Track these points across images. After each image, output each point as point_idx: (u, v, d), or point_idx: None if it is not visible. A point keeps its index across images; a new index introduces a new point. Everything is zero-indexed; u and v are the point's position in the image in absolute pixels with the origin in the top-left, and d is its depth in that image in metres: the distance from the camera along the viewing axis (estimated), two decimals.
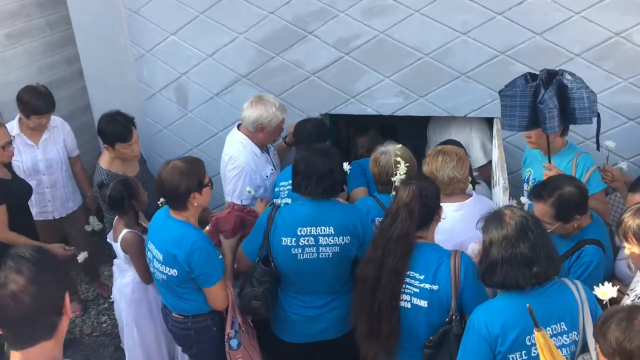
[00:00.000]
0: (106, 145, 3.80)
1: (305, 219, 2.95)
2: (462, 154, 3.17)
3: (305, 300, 3.10)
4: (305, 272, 3.01)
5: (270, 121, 3.77)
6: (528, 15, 3.60)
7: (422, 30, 3.80)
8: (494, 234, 2.36)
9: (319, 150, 3.03)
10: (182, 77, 4.41)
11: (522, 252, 2.30)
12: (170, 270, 3.01)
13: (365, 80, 4.03)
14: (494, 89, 3.80)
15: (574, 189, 2.81)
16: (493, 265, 2.33)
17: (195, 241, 2.94)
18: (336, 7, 3.89)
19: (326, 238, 2.95)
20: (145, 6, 4.25)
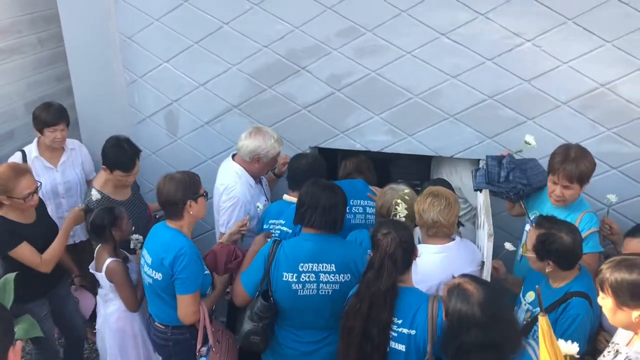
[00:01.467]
0: (105, 167, 3.80)
1: (307, 254, 3.00)
2: (452, 199, 3.19)
3: (300, 335, 3.14)
4: (303, 307, 3.05)
5: (268, 152, 3.81)
6: (517, 62, 3.68)
7: (413, 72, 3.86)
8: (461, 310, 2.38)
9: (325, 185, 3.13)
10: (173, 104, 4.42)
11: (492, 339, 2.33)
12: (156, 274, 3.12)
13: (355, 117, 4.08)
14: (481, 131, 3.89)
15: (567, 240, 2.81)
16: (465, 351, 2.35)
17: (182, 247, 3.06)
18: (330, 45, 3.94)
19: (327, 275, 3.01)
20: (140, 33, 4.27)
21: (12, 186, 3.34)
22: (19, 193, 3.35)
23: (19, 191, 3.36)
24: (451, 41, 3.73)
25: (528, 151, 3.43)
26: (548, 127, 3.76)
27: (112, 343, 3.62)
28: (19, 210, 3.48)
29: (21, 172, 3.41)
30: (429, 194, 3.19)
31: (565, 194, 3.23)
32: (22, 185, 3.36)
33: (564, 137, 3.74)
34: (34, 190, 3.43)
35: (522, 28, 3.60)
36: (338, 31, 3.89)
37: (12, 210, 3.45)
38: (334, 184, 3.23)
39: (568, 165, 3.17)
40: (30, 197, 3.40)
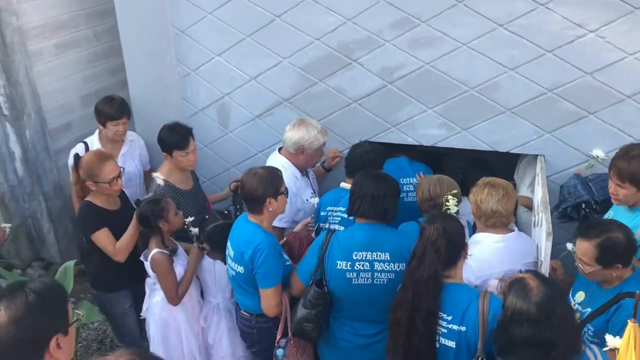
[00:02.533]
0: (165, 153, 3.92)
1: (361, 243, 3.01)
2: (509, 188, 3.15)
3: (356, 328, 3.14)
4: (358, 297, 3.05)
5: (312, 144, 3.80)
6: (579, 54, 3.53)
7: (468, 64, 3.75)
8: (516, 306, 2.30)
9: (375, 175, 3.14)
10: (225, 97, 4.44)
11: (544, 337, 2.24)
12: (238, 267, 3.21)
13: (407, 110, 4.00)
14: (540, 125, 3.76)
15: (623, 237, 2.72)
16: (513, 345, 2.28)
17: (261, 242, 3.11)
18: (382, 37, 3.87)
19: (382, 264, 3.00)
20: (193, 26, 4.30)
21: (97, 171, 3.50)
22: (104, 177, 3.50)
23: (104, 175, 3.50)
24: (509, 32, 3.61)
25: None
26: (611, 121, 3.60)
27: (155, 333, 3.66)
28: (105, 197, 3.61)
29: (105, 157, 3.57)
30: (486, 184, 3.15)
31: (619, 193, 3.07)
32: (106, 170, 3.50)
33: (628, 132, 3.58)
34: (117, 174, 3.57)
35: (585, 18, 3.45)
36: (391, 23, 3.82)
37: (98, 197, 3.60)
38: (386, 174, 3.21)
39: (620, 163, 3.03)
40: (114, 181, 3.54)
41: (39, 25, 5.11)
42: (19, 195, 5.18)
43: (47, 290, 1.93)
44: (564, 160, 3.76)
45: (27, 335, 1.84)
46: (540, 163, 3.74)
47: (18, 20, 4.85)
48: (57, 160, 5.35)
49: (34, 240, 5.42)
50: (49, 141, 5.25)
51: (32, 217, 5.27)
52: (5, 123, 4.94)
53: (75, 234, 5.56)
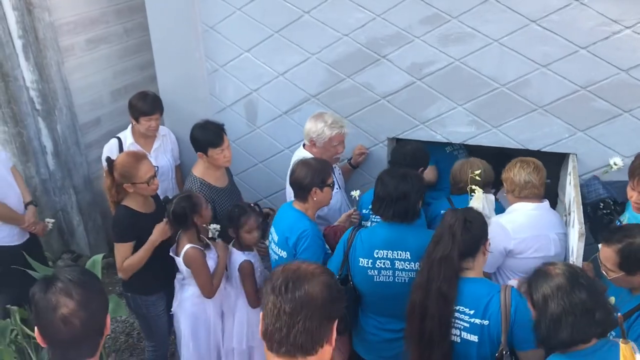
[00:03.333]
0: (200, 152, 3.89)
1: (382, 241, 3.05)
2: (538, 163, 3.32)
3: (382, 322, 3.19)
4: (381, 294, 3.10)
5: (319, 136, 3.81)
6: (614, 50, 3.44)
7: (499, 60, 3.69)
8: (545, 288, 2.28)
9: (396, 174, 3.11)
10: (253, 93, 4.45)
11: (581, 300, 2.21)
12: (282, 252, 3.34)
13: (436, 107, 3.95)
14: (572, 124, 3.68)
15: None
16: (556, 320, 2.22)
17: (306, 229, 3.23)
18: (412, 33, 3.83)
19: (402, 263, 3.03)
20: (222, 22, 4.31)
21: (134, 172, 3.45)
22: (141, 177, 3.46)
23: (141, 175, 3.46)
24: (542, 28, 3.54)
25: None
26: None
27: (185, 327, 3.69)
28: (141, 200, 3.57)
29: (140, 157, 3.54)
30: (517, 161, 3.34)
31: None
32: (143, 169, 3.47)
33: None
34: (154, 173, 3.53)
35: (621, 14, 3.36)
36: (421, 19, 3.77)
37: (134, 199, 3.54)
38: (408, 171, 3.18)
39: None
40: (152, 180, 3.50)
41: (71, 21, 5.18)
42: (49, 189, 5.27)
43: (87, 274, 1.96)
44: (597, 159, 3.68)
45: (95, 317, 1.87)
46: (572, 162, 3.67)
47: (50, 16, 4.93)
48: (87, 154, 5.44)
49: (64, 232, 5.52)
50: (80, 136, 5.33)
51: (62, 210, 5.37)
52: (38, 118, 5.03)
53: (105, 227, 5.64)
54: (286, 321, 1.65)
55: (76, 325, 1.81)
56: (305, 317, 1.65)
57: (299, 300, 1.66)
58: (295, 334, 1.65)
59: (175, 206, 3.50)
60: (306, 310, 1.66)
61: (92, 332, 1.88)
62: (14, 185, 4.21)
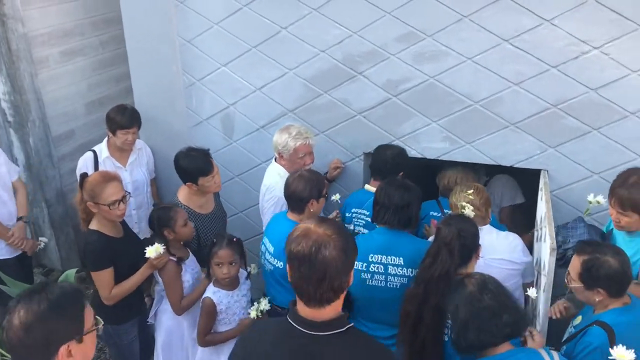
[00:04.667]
0: (189, 183, 3.78)
1: (377, 246, 3.16)
2: (479, 186, 3.51)
3: (371, 328, 3.22)
4: (372, 298, 3.17)
5: (284, 148, 3.85)
6: (583, 70, 3.54)
7: (473, 78, 3.77)
8: (458, 298, 2.44)
9: (399, 184, 3.28)
10: (230, 107, 4.46)
11: (487, 305, 2.35)
12: (278, 262, 3.37)
13: (411, 123, 4.02)
14: (544, 140, 3.77)
15: (614, 263, 2.63)
16: (464, 325, 2.38)
17: None
18: (388, 50, 3.89)
19: (395, 268, 3.13)
20: (199, 37, 4.33)
21: (98, 191, 3.31)
22: (104, 199, 3.31)
23: (105, 197, 3.31)
24: (514, 47, 3.63)
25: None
26: (614, 137, 3.61)
27: (159, 340, 3.66)
28: (110, 223, 3.44)
29: (108, 178, 3.39)
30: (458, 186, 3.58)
31: (621, 220, 3.06)
32: (108, 191, 3.32)
33: (632, 148, 3.59)
34: (120, 198, 3.36)
35: (590, 35, 3.47)
36: (397, 36, 3.84)
37: (102, 223, 3.41)
38: (408, 182, 3.34)
39: (621, 191, 3.02)
40: (115, 204, 3.34)
41: (45, 32, 5.14)
42: None
43: (62, 296, 1.91)
44: (568, 175, 3.77)
45: (36, 341, 1.84)
46: (543, 178, 3.75)
47: (24, 28, 4.88)
48: (60, 167, 5.37)
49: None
50: (53, 148, 5.27)
51: (34, 224, 5.28)
52: (10, 130, 4.97)
53: (77, 241, 5.57)
54: (313, 283, 1.93)
55: (15, 345, 1.85)
56: (329, 279, 1.91)
57: (321, 265, 1.91)
58: (322, 292, 1.93)
59: (152, 213, 3.51)
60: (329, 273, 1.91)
61: (35, 354, 1.87)
62: (5, 200, 4.14)
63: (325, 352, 1.94)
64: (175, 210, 3.54)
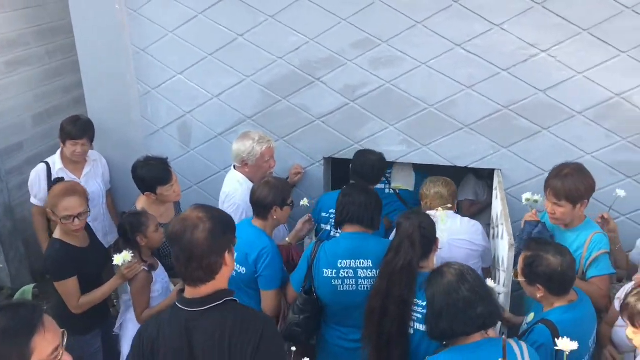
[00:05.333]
0: (147, 193, 3.74)
1: (345, 252, 3.19)
2: (447, 180, 3.74)
3: (345, 333, 3.28)
4: (345, 303, 3.21)
5: (250, 155, 3.83)
6: (532, 72, 3.70)
7: (427, 82, 3.88)
8: (435, 286, 2.50)
9: (363, 188, 3.39)
10: (187, 115, 4.43)
11: (464, 296, 2.40)
12: (240, 268, 3.33)
13: (369, 127, 4.09)
14: (497, 141, 3.91)
15: (554, 262, 2.72)
16: (438, 313, 2.44)
17: (266, 246, 3.30)
18: (344, 56, 3.96)
19: (365, 271, 3.17)
20: (154, 45, 4.28)
21: (55, 202, 3.28)
22: (59, 212, 3.27)
23: (60, 210, 3.26)
24: (466, 52, 3.76)
25: None
26: (563, 136, 3.78)
27: (124, 351, 3.58)
28: (73, 234, 3.38)
29: (68, 192, 3.32)
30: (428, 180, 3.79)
31: (556, 212, 3.19)
32: (63, 205, 3.26)
33: (579, 146, 3.77)
34: (75, 214, 3.28)
35: (538, 39, 3.64)
36: (353, 43, 3.91)
37: (66, 233, 3.37)
38: (368, 187, 3.48)
39: (555, 181, 3.17)
40: (69, 219, 3.27)
41: None
42: None
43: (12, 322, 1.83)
44: (521, 174, 3.92)
45: None
46: (497, 177, 3.89)
47: None
48: (8, 181, 5.19)
49: None
50: (0, 162, 5.09)
51: None
52: None
53: (28, 257, 5.39)
54: (183, 263, 2.10)
55: None
56: (197, 259, 2.08)
57: (189, 246, 2.07)
58: (192, 271, 2.10)
59: (122, 220, 3.44)
60: (196, 253, 2.07)
61: None
62: None
63: (200, 325, 2.10)
64: (147, 215, 3.49)
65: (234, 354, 2.08)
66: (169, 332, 2.14)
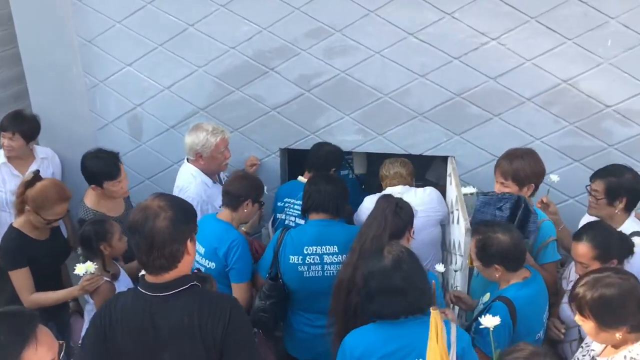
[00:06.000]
0: (93, 185, 3.63)
1: (311, 238, 3.25)
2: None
3: (311, 319, 3.34)
4: (311, 289, 3.27)
5: (204, 146, 3.76)
6: (483, 60, 3.77)
7: (381, 71, 3.90)
8: (372, 266, 2.53)
9: (328, 176, 3.49)
10: (137, 108, 4.32)
11: (396, 284, 2.43)
12: (210, 263, 3.33)
13: (325, 117, 4.09)
14: (450, 129, 3.98)
15: (505, 239, 2.79)
16: (371, 295, 2.49)
17: (235, 239, 3.29)
18: (298, 45, 3.93)
19: (331, 256, 3.24)
20: (100, 36, 4.15)
21: (48, 206, 3.28)
22: (49, 215, 3.30)
23: (51, 214, 3.29)
24: (419, 40, 3.80)
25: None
26: (513, 122, 3.88)
27: None
28: (33, 227, 3.37)
29: (61, 199, 3.34)
30: (387, 160, 3.90)
31: (503, 192, 3.25)
32: (55, 210, 3.30)
33: (529, 132, 3.88)
34: (57, 219, 3.37)
35: (488, 27, 3.70)
36: (306, 32, 3.89)
37: (27, 225, 3.35)
38: (333, 175, 3.64)
39: (503, 162, 3.26)
40: (53, 223, 3.35)
41: None
42: None
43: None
44: (473, 160, 4.00)
45: None
46: (451, 164, 3.95)
47: None
48: None
49: None
50: None
51: None
52: None
53: None
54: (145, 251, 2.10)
55: None
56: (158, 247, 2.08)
57: (149, 234, 2.07)
58: (153, 260, 2.09)
59: (84, 228, 3.29)
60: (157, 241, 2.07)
61: None
62: None
63: (164, 309, 2.12)
64: (111, 223, 3.34)
65: (205, 333, 2.10)
66: (132, 313, 2.15)
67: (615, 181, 3.16)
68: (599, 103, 3.75)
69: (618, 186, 3.15)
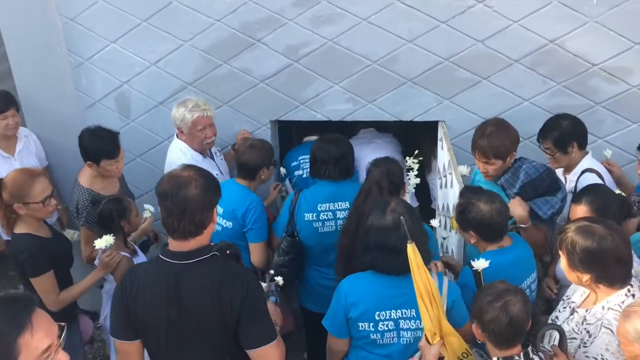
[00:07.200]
0: (90, 162, 3.58)
1: (324, 196, 3.49)
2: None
3: (326, 273, 3.54)
4: (325, 244, 3.49)
5: (182, 122, 3.79)
6: (470, 23, 3.77)
7: (369, 38, 3.89)
8: (374, 220, 2.63)
9: (332, 139, 3.57)
10: (124, 85, 4.27)
11: (393, 244, 2.53)
12: (227, 223, 3.54)
13: (314, 87, 4.08)
14: (439, 93, 3.99)
15: (485, 208, 2.83)
16: (367, 248, 2.62)
17: (253, 201, 3.53)
18: (284, 15, 3.90)
19: (343, 212, 3.46)
20: (83, 13, 4.08)
21: (27, 190, 3.06)
22: (35, 197, 3.08)
23: (36, 194, 3.08)
24: (405, 6, 3.78)
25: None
26: (502, 85, 3.90)
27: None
28: (37, 224, 3.21)
29: (35, 174, 3.16)
30: None
31: (488, 170, 3.32)
32: (37, 187, 3.09)
33: (517, 93, 3.91)
34: (50, 193, 3.15)
35: None
36: (293, 1, 3.86)
37: (29, 224, 3.17)
38: (340, 136, 3.63)
39: (481, 141, 3.29)
40: (48, 200, 3.13)
41: None
42: None
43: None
44: (463, 124, 4.01)
45: None
46: (442, 129, 3.98)
47: None
48: None
49: None
50: None
51: None
52: None
53: None
54: (176, 217, 2.22)
55: None
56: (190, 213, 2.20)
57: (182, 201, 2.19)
58: (184, 225, 2.21)
59: (103, 208, 3.31)
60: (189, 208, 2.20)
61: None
62: None
63: (189, 276, 2.24)
64: (127, 200, 3.43)
65: (225, 302, 2.23)
66: (156, 281, 2.26)
67: (558, 133, 3.46)
68: (586, 62, 3.78)
69: (563, 136, 3.47)
